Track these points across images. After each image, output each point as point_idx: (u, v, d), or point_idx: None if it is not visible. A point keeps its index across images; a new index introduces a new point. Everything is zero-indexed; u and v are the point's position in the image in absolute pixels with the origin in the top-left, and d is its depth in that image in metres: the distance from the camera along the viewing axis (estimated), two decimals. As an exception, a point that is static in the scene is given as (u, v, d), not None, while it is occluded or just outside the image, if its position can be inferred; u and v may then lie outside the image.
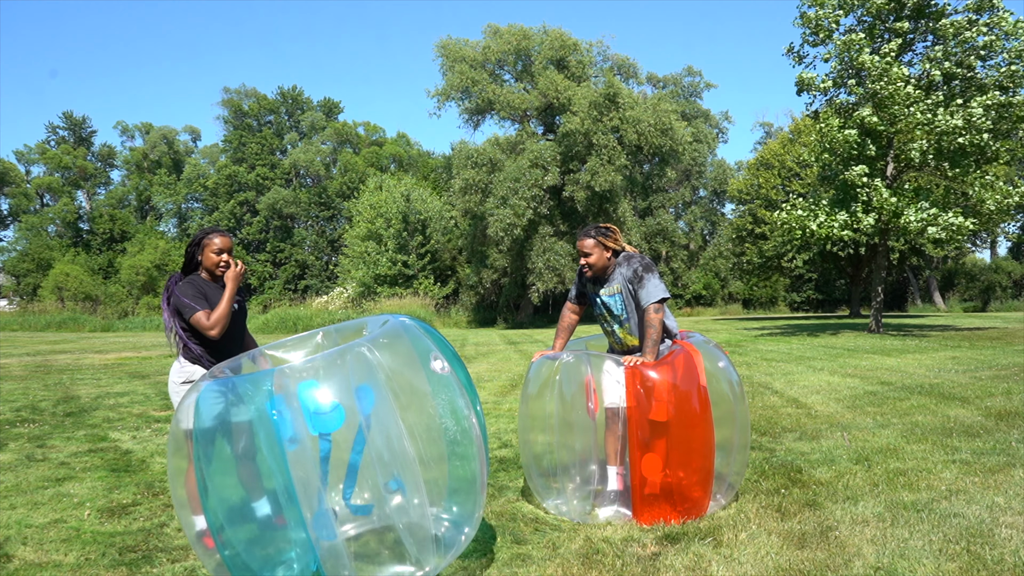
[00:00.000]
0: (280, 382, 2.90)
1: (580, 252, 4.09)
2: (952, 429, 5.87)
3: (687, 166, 41.29)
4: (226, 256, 3.63)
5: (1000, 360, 10.97)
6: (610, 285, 4.09)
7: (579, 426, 3.97)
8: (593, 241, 4.02)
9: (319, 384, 2.88)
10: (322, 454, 3.02)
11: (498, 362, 13.33)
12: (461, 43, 33.34)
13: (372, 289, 35.59)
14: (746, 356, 13.03)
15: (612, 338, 4.23)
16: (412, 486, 2.98)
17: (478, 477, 3.09)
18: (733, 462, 4.12)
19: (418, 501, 2.98)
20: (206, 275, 3.67)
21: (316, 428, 2.89)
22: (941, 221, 16.46)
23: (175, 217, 57.73)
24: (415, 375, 3.11)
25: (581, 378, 3.96)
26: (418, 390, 3.11)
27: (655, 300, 3.88)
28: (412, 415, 3.04)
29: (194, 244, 3.66)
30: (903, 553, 3.26)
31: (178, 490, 3.06)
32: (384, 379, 2.94)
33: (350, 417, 2.96)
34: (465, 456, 3.10)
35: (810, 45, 18.65)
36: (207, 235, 3.64)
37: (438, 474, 3.17)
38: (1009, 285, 39.97)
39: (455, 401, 3.08)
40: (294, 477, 2.80)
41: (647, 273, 3.95)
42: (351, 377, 2.96)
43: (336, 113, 59.48)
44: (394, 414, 2.93)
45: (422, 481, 2.98)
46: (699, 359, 3.92)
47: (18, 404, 8.35)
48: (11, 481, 4.95)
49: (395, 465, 2.98)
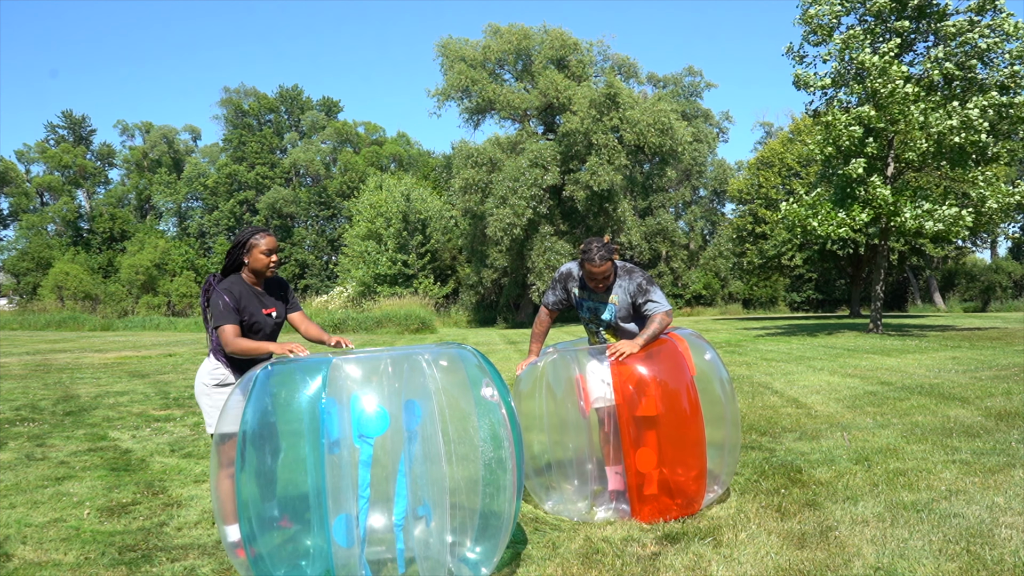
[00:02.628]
0: (334, 376, 2.90)
1: (597, 276, 3.96)
2: (952, 429, 5.87)
3: (687, 166, 41.28)
4: (275, 256, 3.53)
5: (1000, 360, 10.96)
6: (605, 294, 4.12)
7: (572, 425, 3.98)
8: (608, 263, 3.97)
9: (369, 388, 2.89)
10: (363, 457, 2.93)
11: (498, 362, 13.34)
12: (461, 43, 33.35)
13: (372, 288, 35.60)
14: (746, 356, 13.03)
15: (596, 339, 4.30)
16: (439, 514, 2.92)
17: (507, 514, 3.04)
18: (725, 462, 4.14)
19: (440, 533, 2.93)
20: (249, 277, 3.55)
21: (359, 429, 2.87)
22: (937, 215, 16.46)
23: (175, 216, 57.73)
24: (464, 396, 3.08)
25: (571, 376, 3.97)
26: (464, 412, 3.07)
27: (663, 311, 3.96)
28: (455, 435, 2.99)
29: (239, 246, 3.52)
30: (903, 553, 3.25)
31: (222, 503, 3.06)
32: (434, 392, 2.91)
33: (396, 428, 2.92)
34: (498, 486, 3.05)
35: (810, 44, 18.65)
36: (253, 235, 3.52)
37: (468, 503, 3.11)
38: (1009, 285, 39.97)
39: (497, 429, 3.04)
40: (328, 481, 2.79)
41: (651, 287, 4.05)
42: (404, 387, 2.93)
43: (336, 112, 59.49)
44: (437, 433, 2.89)
45: (448, 509, 2.94)
46: (686, 348, 3.96)
47: (18, 403, 8.35)
48: (11, 480, 4.95)
49: (428, 489, 2.93)
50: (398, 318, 24.94)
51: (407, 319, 24.90)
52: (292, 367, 2.99)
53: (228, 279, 3.52)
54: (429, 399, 2.91)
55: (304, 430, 2.88)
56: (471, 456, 3.06)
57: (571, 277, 4.22)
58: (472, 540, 3.15)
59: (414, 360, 2.97)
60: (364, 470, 2.92)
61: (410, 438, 2.96)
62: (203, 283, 3.52)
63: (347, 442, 2.87)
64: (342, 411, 2.87)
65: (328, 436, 2.84)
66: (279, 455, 2.96)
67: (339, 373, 2.90)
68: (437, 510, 2.92)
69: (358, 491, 2.91)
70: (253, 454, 2.90)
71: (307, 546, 2.98)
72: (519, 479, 3.09)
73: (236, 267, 3.57)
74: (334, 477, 2.83)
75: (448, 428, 2.95)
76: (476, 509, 3.12)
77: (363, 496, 2.93)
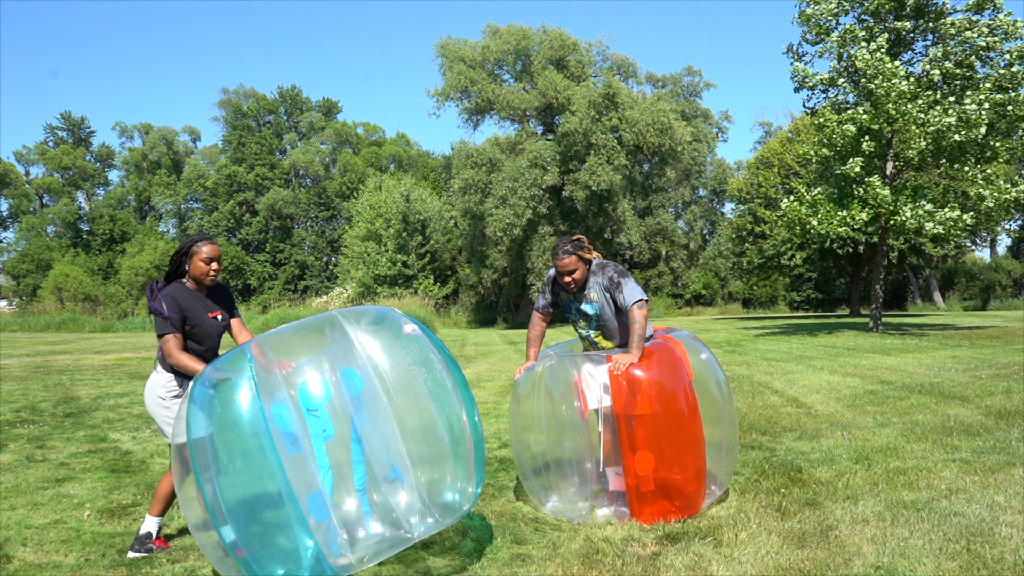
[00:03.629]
0: (267, 379, 2.95)
1: (562, 271, 4.04)
2: (952, 428, 5.87)
3: (687, 166, 41.27)
4: (215, 265, 3.58)
5: (1000, 359, 10.97)
6: (587, 293, 4.14)
7: (571, 425, 3.98)
8: (574, 258, 4.04)
9: (305, 369, 2.98)
10: (315, 431, 3.00)
11: (498, 362, 13.33)
12: (460, 43, 33.33)
13: (372, 289, 35.59)
14: (746, 356, 13.03)
15: (587, 342, 4.31)
16: (408, 473, 3.01)
17: (469, 437, 3.12)
18: (724, 461, 4.15)
19: (411, 489, 3.01)
20: (192, 284, 3.60)
21: (305, 404, 2.95)
22: (938, 217, 16.47)
23: (175, 217, 57.72)
24: (393, 350, 3.15)
25: (569, 378, 3.98)
26: (399, 362, 3.14)
27: (635, 300, 3.96)
28: (397, 387, 3.05)
29: (181, 252, 3.58)
30: (903, 552, 3.26)
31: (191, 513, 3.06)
32: (365, 355, 3.00)
33: (340, 397, 3.00)
34: (451, 415, 3.14)
35: (809, 43, 18.66)
36: (195, 243, 3.58)
37: (431, 449, 3.16)
38: (1009, 284, 39.95)
39: (428, 357, 3.16)
40: (294, 483, 2.82)
41: (623, 278, 4.04)
42: (336, 358, 3.02)
43: (335, 113, 59.46)
44: (379, 395, 2.98)
45: (411, 465, 3.01)
46: (683, 352, 3.97)
47: (18, 405, 8.35)
48: (11, 482, 4.95)
49: (387, 450, 3.00)
50: (398, 319, 24.90)
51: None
52: (230, 382, 2.99)
53: (171, 286, 3.55)
54: (363, 364, 3.00)
55: (257, 435, 2.88)
56: (419, 402, 3.12)
57: (557, 280, 4.26)
58: (449, 481, 3.17)
59: (337, 325, 3.07)
60: (319, 442, 2.98)
61: (355, 406, 3.02)
62: (147, 289, 3.58)
63: (305, 438, 2.94)
64: (292, 409, 2.93)
65: (286, 437, 2.88)
66: (238, 463, 2.95)
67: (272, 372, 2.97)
68: (403, 468, 2.99)
69: (318, 464, 2.96)
70: (208, 463, 2.90)
71: (292, 541, 2.97)
72: (466, 394, 3.17)
73: (180, 273, 3.60)
74: (298, 476, 2.86)
75: (388, 386, 3.01)
76: (443, 451, 3.16)
77: (323, 467, 3.00)
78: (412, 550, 3.56)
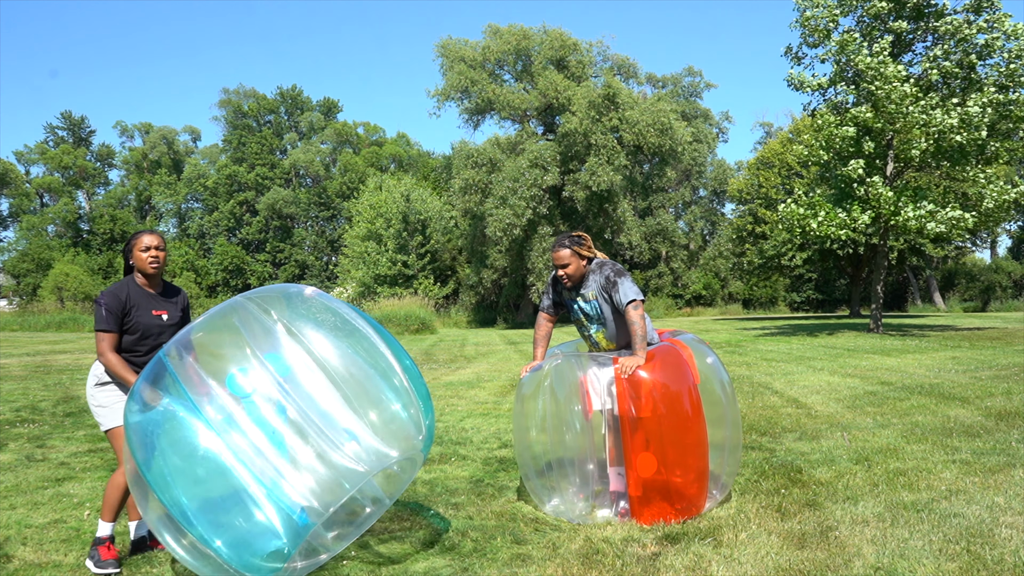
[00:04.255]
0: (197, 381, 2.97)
1: (556, 263, 4.08)
2: (952, 429, 5.87)
3: (687, 166, 41.27)
4: (153, 251, 3.55)
5: (1000, 360, 10.96)
6: (585, 291, 4.15)
7: (574, 426, 3.98)
8: (569, 251, 4.06)
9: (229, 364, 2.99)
10: (252, 417, 2.95)
11: (498, 362, 13.33)
12: (461, 43, 33.34)
13: (372, 289, 35.60)
14: (746, 356, 13.03)
15: (589, 342, 4.31)
16: (360, 429, 3.03)
17: (405, 372, 3.17)
18: (726, 463, 4.14)
19: (370, 441, 3.03)
20: (140, 279, 3.59)
21: (234, 391, 2.94)
22: (940, 216, 16.47)
23: (175, 217, 57.74)
24: (310, 325, 3.15)
25: (574, 378, 3.98)
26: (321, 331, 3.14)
27: (630, 299, 3.95)
28: (324, 359, 3.06)
29: (125, 250, 3.63)
30: (903, 553, 3.26)
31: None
32: (283, 336, 3.03)
33: (266, 382, 2.99)
34: (382, 368, 3.16)
35: (808, 46, 18.66)
36: (135, 236, 3.60)
37: (378, 409, 3.16)
38: (1009, 285, 39.95)
39: (336, 309, 3.22)
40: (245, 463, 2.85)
41: (619, 278, 4.03)
42: (256, 345, 3.02)
43: (335, 113, 59.50)
44: (305, 373, 3.00)
45: (357, 431, 3.02)
46: (690, 355, 3.97)
47: (18, 404, 8.35)
48: (11, 481, 4.95)
49: (326, 424, 2.99)
50: (398, 319, 24.93)
51: (407, 320, 24.90)
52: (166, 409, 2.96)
53: (117, 283, 3.56)
54: (286, 344, 3.03)
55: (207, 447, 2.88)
56: (350, 364, 3.11)
57: (559, 280, 4.27)
58: (398, 418, 3.17)
59: (247, 311, 3.10)
60: (257, 427, 2.93)
61: (284, 389, 2.98)
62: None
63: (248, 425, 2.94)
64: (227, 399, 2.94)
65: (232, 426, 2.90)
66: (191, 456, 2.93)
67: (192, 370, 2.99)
68: (357, 428, 3.01)
69: (257, 449, 2.91)
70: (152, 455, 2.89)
71: (257, 524, 2.93)
72: (389, 341, 3.21)
73: (130, 270, 3.63)
74: (254, 464, 2.87)
75: (317, 358, 3.03)
76: (386, 399, 3.17)
77: (276, 445, 2.95)
78: (412, 550, 3.56)
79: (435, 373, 11.67)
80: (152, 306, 3.56)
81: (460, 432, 6.51)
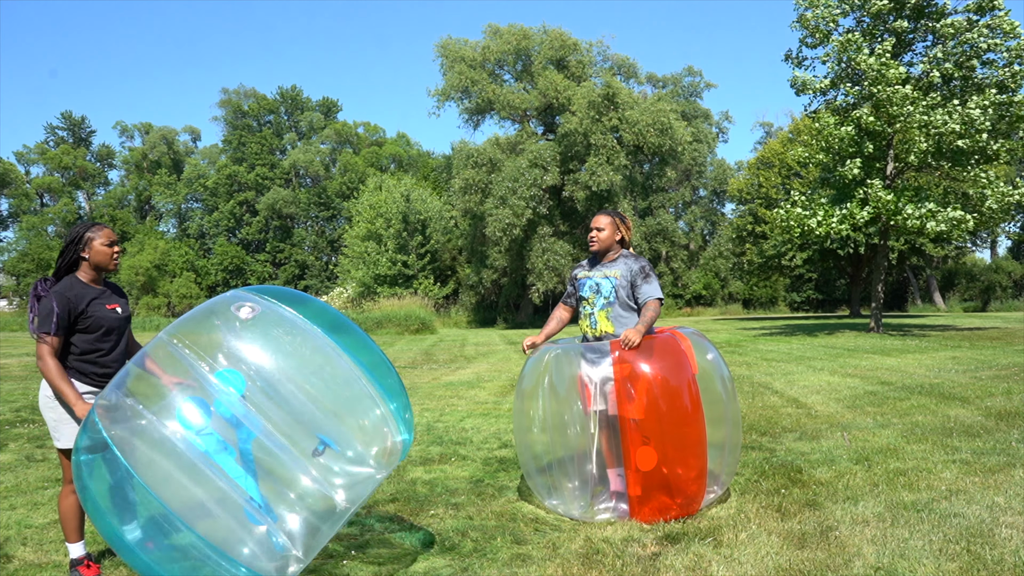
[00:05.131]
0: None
1: (592, 225, 4.27)
2: (952, 429, 5.87)
3: (687, 166, 41.26)
4: (118, 247, 3.33)
5: (1000, 360, 10.96)
6: (610, 268, 4.23)
7: (573, 425, 3.98)
8: (609, 219, 4.26)
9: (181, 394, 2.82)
10: (212, 447, 2.82)
11: (498, 362, 13.33)
12: (461, 43, 33.33)
13: (372, 289, 35.60)
14: (746, 356, 13.03)
15: (587, 321, 4.27)
16: (337, 435, 2.95)
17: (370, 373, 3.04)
18: (726, 461, 4.14)
19: (350, 449, 2.96)
20: (87, 275, 3.30)
21: (187, 426, 2.79)
22: (940, 217, 16.47)
23: (175, 217, 57.73)
24: (267, 336, 3.01)
25: (574, 373, 3.98)
26: (281, 343, 3.02)
27: (656, 296, 4.13)
28: (290, 372, 2.96)
29: (75, 242, 3.25)
30: (903, 553, 3.25)
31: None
32: (242, 349, 2.88)
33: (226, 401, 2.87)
34: (339, 376, 3.04)
35: (808, 47, 18.65)
36: (88, 229, 3.28)
37: (353, 416, 3.09)
38: (1009, 285, 39.95)
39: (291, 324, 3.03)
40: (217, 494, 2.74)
41: (651, 274, 4.23)
42: (211, 363, 2.86)
43: (335, 113, 59.47)
44: (274, 377, 2.88)
45: (336, 437, 2.95)
46: (689, 347, 3.97)
47: (18, 404, 8.35)
48: (11, 481, 4.95)
49: (309, 426, 2.91)
50: (398, 319, 24.94)
51: (407, 320, 24.90)
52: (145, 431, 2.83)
53: (63, 282, 3.23)
54: (236, 361, 2.87)
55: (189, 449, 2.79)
56: (305, 370, 3.02)
57: (579, 265, 4.45)
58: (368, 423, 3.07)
59: (209, 326, 2.95)
60: (222, 456, 2.82)
61: (246, 407, 2.84)
62: (31, 288, 3.24)
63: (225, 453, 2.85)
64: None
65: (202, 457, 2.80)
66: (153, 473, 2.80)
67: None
68: (332, 433, 2.95)
69: (229, 475, 2.81)
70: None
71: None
72: (339, 339, 3.06)
73: (71, 268, 3.31)
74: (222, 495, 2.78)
75: (272, 370, 2.90)
76: (352, 399, 3.07)
77: (240, 476, 2.84)
78: (412, 550, 3.56)
79: (435, 373, 11.67)
80: (106, 300, 3.30)
81: (460, 432, 6.51)
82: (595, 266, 4.31)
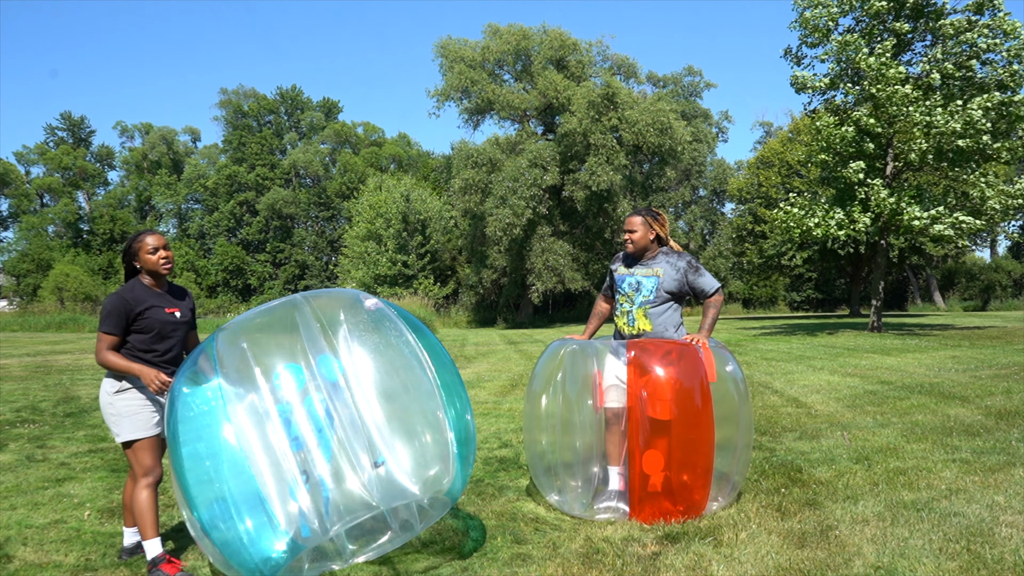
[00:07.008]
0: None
1: (626, 228, 4.25)
2: (952, 428, 5.87)
3: (687, 166, 41.24)
4: (163, 251, 3.46)
5: (1000, 359, 10.97)
6: (650, 267, 4.20)
7: (582, 425, 3.97)
8: (641, 219, 4.21)
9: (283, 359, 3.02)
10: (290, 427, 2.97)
11: (498, 362, 13.34)
12: (461, 43, 33.32)
13: (372, 289, 35.61)
14: (746, 356, 13.03)
15: (624, 319, 4.24)
16: (392, 454, 3.02)
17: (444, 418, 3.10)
18: (737, 462, 4.10)
19: (402, 468, 3.02)
20: (147, 280, 3.48)
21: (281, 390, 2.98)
22: (946, 219, 16.47)
23: (175, 217, 57.73)
24: (369, 332, 3.16)
25: (588, 372, 3.96)
26: (377, 343, 3.14)
27: (718, 286, 4.23)
28: (381, 370, 3.09)
29: (126, 253, 3.49)
30: (903, 552, 3.26)
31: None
32: (343, 339, 3.04)
33: (315, 385, 3.00)
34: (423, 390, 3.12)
35: (808, 46, 18.65)
36: (137, 238, 3.48)
37: (427, 429, 3.14)
38: (1009, 284, 39.96)
39: (395, 323, 3.19)
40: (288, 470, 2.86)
41: (700, 266, 4.25)
42: (310, 345, 3.02)
43: (335, 113, 59.47)
44: (357, 383, 3.00)
45: (398, 447, 3.03)
46: (709, 356, 3.90)
47: (18, 404, 8.35)
48: (11, 481, 4.95)
49: (362, 435, 2.98)
50: (398, 319, 24.89)
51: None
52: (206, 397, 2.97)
53: (127, 284, 3.46)
54: (339, 349, 3.04)
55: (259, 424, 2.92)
56: (402, 380, 3.12)
57: (616, 259, 4.41)
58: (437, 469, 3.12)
59: (305, 311, 3.11)
60: (287, 428, 2.94)
61: (332, 392, 2.99)
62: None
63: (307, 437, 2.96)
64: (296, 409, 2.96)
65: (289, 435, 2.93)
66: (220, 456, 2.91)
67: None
68: (389, 452, 3.00)
69: (300, 454, 2.93)
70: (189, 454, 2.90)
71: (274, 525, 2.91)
72: (447, 385, 3.15)
73: (135, 273, 3.52)
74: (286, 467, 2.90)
75: (367, 368, 3.05)
76: (417, 440, 3.13)
77: (289, 453, 2.94)
78: (412, 550, 3.56)
79: (435, 373, 11.64)
80: (164, 304, 3.49)
81: (460, 432, 6.50)
82: (635, 264, 4.26)
